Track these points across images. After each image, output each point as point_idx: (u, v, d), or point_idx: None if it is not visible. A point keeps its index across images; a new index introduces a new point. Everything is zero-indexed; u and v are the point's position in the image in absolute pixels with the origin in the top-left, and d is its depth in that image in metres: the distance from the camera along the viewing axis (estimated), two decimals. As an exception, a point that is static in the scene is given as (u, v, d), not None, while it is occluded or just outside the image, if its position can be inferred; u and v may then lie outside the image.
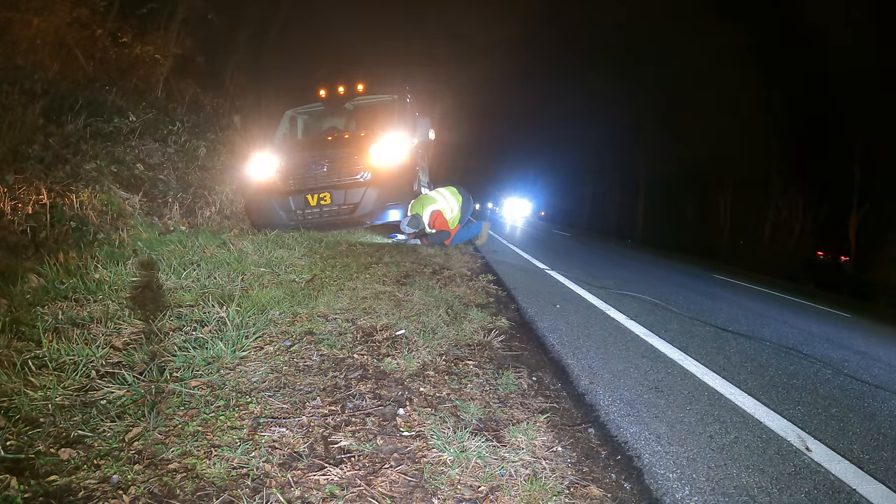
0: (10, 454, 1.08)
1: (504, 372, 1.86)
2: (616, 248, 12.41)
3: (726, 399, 1.97)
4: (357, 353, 1.88)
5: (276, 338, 1.93)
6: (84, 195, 3.58)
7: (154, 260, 2.87)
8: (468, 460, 1.24)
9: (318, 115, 6.78)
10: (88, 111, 4.53)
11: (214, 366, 1.61)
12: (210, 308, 2.08)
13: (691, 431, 1.64)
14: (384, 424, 1.40)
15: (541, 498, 1.14)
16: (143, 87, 5.96)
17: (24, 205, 3.15)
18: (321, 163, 5.29)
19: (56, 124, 4.15)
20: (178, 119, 5.99)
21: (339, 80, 6.48)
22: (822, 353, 3.08)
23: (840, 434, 1.79)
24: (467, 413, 1.51)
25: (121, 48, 5.87)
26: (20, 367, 1.44)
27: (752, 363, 2.56)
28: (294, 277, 2.95)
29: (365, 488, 1.10)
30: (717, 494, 1.29)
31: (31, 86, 4.06)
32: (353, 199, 5.20)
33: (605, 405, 1.76)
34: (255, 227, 5.26)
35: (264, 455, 1.18)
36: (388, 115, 6.09)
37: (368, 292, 2.78)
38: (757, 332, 3.42)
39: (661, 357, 2.43)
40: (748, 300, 5.51)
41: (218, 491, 1.05)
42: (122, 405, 1.33)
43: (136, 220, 3.91)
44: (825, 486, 1.40)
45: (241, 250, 3.40)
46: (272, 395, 1.48)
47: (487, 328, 2.41)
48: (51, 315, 1.89)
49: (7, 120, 3.62)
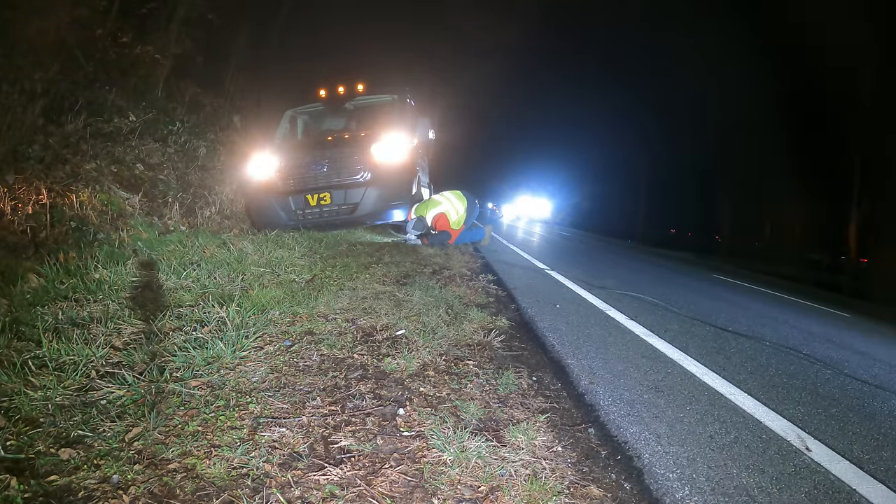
0: (10, 454, 1.08)
1: (504, 372, 1.85)
2: (617, 249, 12.41)
3: (726, 399, 1.97)
4: (357, 353, 1.88)
5: (276, 338, 1.93)
6: (84, 195, 3.58)
7: (154, 260, 2.87)
8: (468, 460, 1.24)
9: (318, 115, 6.78)
10: (88, 111, 4.53)
11: (214, 366, 1.61)
12: (210, 308, 2.08)
13: (691, 431, 1.64)
14: (384, 424, 1.40)
15: (541, 498, 1.14)
16: (143, 87, 5.96)
17: (24, 205, 3.15)
18: (321, 163, 5.29)
19: (56, 124, 4.14)
20: (178, 119, 5.99)
21: (339, 80, 6.48)
22: (822, 353, 3.08)
23: (840, 434, 1.79)
24: (467, 413, 1.51)
25: (121, 48, 5.86)
26: (20, 367, 1.44)
27: (752, 363, 2.56)
28: (294, 277, 2.95)
29: (365, 488, 1.10)
30: (717, 494, 1.29)
31: (31, 86, 4.06)
32: (353, 199, 5.20)
33: (605, 405, 1.76)
34: (255, 227, 5.26)
35: (264, 455, 1.18)
36: (389, 115, 6.09)
37: (368, 292, 2.78)
38: (757, 331, 3.42)
39: (661, 357, 2.43)
40: (748, 300, 5.51)
41: (218, 491, 1.05)
42: (122, 405, 1.33)
43: (136, 220, 3.91)
44: (825, 486, 1.40)
45: (241, 250, 3.40)
46: (272, 395, 1.48)
47: (487, 328, 2.41)
48: (51, 315, 1.90)
49: (7, 120, 3.62)
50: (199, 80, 7.36)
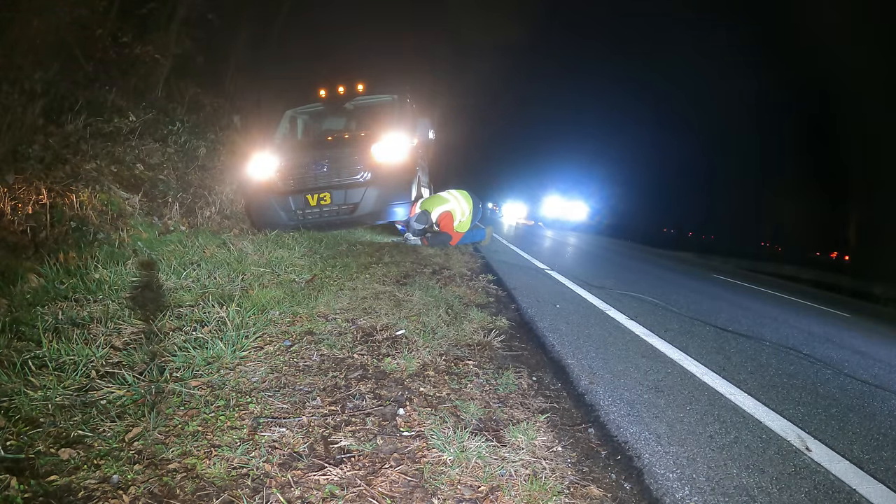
0: (10, 454, 1.08)
1: (504, 372, 1.86)
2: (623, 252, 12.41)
3: (726, 399, 1.97)
4: (357, 353, 1.88)
5: (276, 338, 1.93)
6: (84, 195, 3.58)
7: (154, 260, 2.87)
8: (468, 460, 1.24)
9: (318, 115, 6.79)
10: (88, 111, 4.53)
11: (214, 366, 1.61)
12: (210, 308, 2.08)
13: (691, 431, 1.64)
14: (384, 424, 1.40)
15: (541, 498, 1.14)
16: (143, 87, 5.96)
17: (24, 205, 3.15)
18: (321, 163, 5.30)
19: (56, 124, 4.14)
20: (178, 119, 5.99)
21: (339, 80, 6.48)
22: (822, 353, 3.08)
23: (840, 434, 1.79)
24: (467, 413, 1.51)
25: (121, 48, 5.86)
26: (20, 367, 1.44)
27: (752, 363, 2.56)
28: (294, 277, 2.96)
29: (365, 488, 1.10)
30: (717, 494, 1.29)
31: (31, 86, 4.06)
32: (353, 199, 5.21)
33: (605, 405, 1.76)
34: (255, 227, 5.26)
35: (264, 455, 1.18)
36: (388, 116, 6.09)
37: (368, 292, 2.78)
38: (757, 331, 3.42)
39: (661, 357, 2.43)
40: (748, 300, 5.51)
41: (218, 491, 1.05)
42: (122, 405, 1.33)
43: (136, 220, 3.91)
44: (825, 486, 1.40)
45: (241, 250, 3.40)
46: (272, 395, 1.48)
47: (487, 328, 2.41)
48: (51, 315, 1.89)
49: (7, 120, 3.62)
50: (199, 80, 7.36)
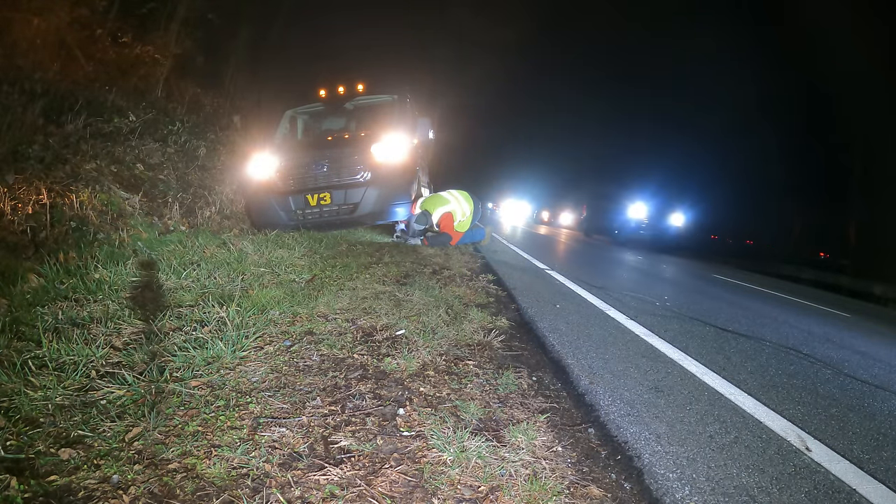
0: (10, 454, 1.08)
1: (504, 372, 1.86)
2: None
3: (726, 399, 1.96)
4: (357, 353, 1.88)
5: (276, 338, 1.93)
6: (84, 195, 3.58)
7: (154, 260, 2.87)
8: (468, 460, 1.24)
9: (318, 115, 6.79)
10: (88, 111, 4.53)
11: (214, 366, 1.61)
12: (210, 308, 2.08)
13: (691, 431, 1.64)
14: (384, 424, 1.40)
15: (541, 498, 1.14)
16: (143, 87, 5.97)
17: (24, 205, 3.15)
18: (321, 163, 5.30)
19: (56, 124, 4.15)
20: (178, 119, 6.00)
21: (339, 80, 6.48)
22: (822, 353, 3.08)
23: (840, 434, 1.79)
24: (467, 413, 1.51)
25: (121, 48, 5.87)
26: (20, 367, 1.44)
27: (752, 363, 2.56)
28: (294, 277, 2.95)
29: (365, 488, 1.10)
30: (717, 494, 1.29)
31: (31, 86, 4.06)
32: (353, 199, 5.21)
33: (605, 405, 1.76)
34: (255, 227, 5.26)
35: (264, 455, 1.18)
36: (388, 116, 6.09)
37: (368, 292, 2.78)
38: (757, 332, 3.42)
39: (661, 357, 2.43)
40: (748, 300, 5.51)
41: (218, 491, 1.05)
42: (122, 405, 1.33)
43: (136, 220, 3.91)
44: (825, 486, 1.40)
45: (241, 250, 3.40)
46: (272, 395, 1.48)
47: (487, 328, 2.41)
48: (51, 315, 1.89)
49: (7, 120, 3.62)
50: (199, 80, 7.37)
